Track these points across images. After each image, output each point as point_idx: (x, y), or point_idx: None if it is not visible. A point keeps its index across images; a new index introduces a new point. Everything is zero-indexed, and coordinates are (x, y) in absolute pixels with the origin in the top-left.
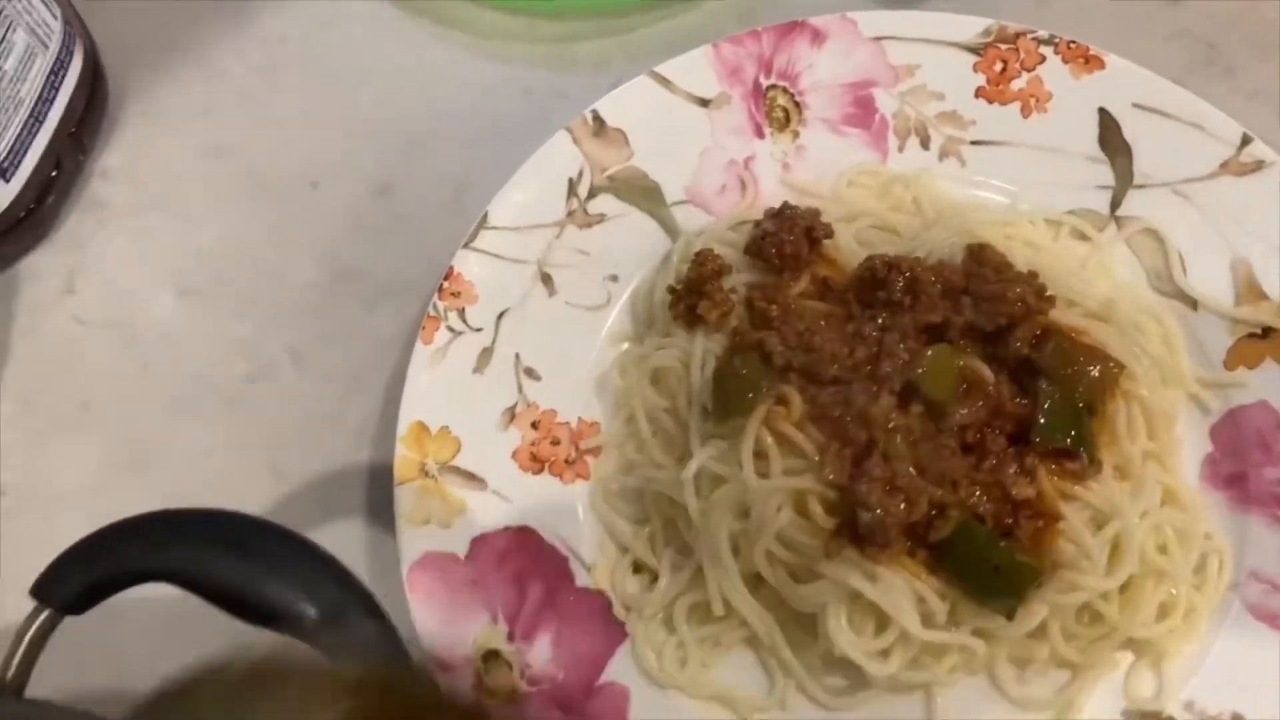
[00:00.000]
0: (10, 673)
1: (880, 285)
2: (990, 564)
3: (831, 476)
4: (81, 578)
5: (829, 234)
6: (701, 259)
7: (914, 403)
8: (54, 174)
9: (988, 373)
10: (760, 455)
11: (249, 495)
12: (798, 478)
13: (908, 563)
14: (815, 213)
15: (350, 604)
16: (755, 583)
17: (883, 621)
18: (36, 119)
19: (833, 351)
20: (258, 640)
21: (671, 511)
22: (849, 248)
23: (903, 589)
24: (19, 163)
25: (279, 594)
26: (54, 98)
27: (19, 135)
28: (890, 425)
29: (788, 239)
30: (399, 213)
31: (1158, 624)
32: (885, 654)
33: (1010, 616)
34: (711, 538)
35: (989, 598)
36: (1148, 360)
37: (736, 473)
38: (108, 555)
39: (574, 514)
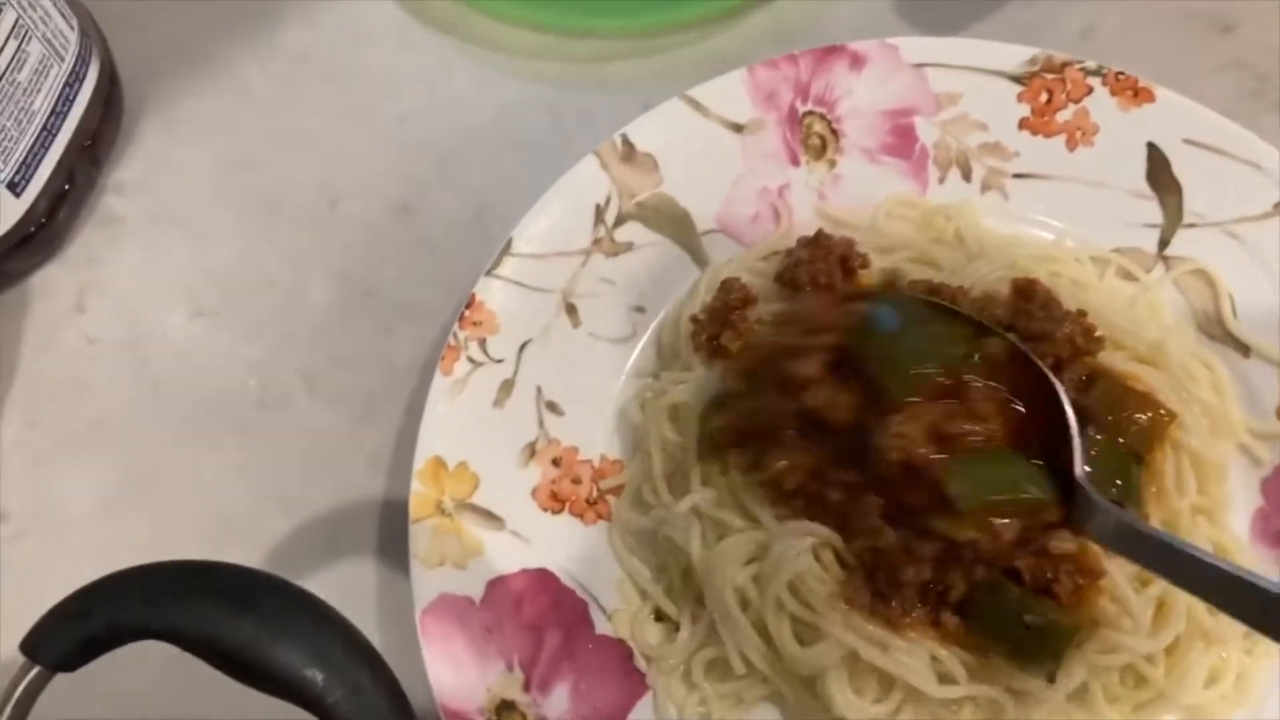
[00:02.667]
0: None
1: None
2: (1021, 624)
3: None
4: (74, 634)
5: (865, 264)
6: (727, 286)
7: None
8: (66, 188)
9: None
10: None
11: (257, 525)
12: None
13: (928, 630)
14: (850, 241)
15: (360, 671)
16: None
17: (889, 681)
18: (50, 132)
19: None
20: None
21: (686, 558)
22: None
23: (916, 653)
24: (30, 177)
25: (285, 658)
26: (68, 110)
27: (31, 149)
28: None
29: (821, 267)
30: (419, 234)
31: (1207, 690)
32: (895, 713)
33: (1051, 679)
34: (716, 591)
35: (1025, 660)
36: (1199, 408)
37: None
38: (102, 611)
39: (594, 557)
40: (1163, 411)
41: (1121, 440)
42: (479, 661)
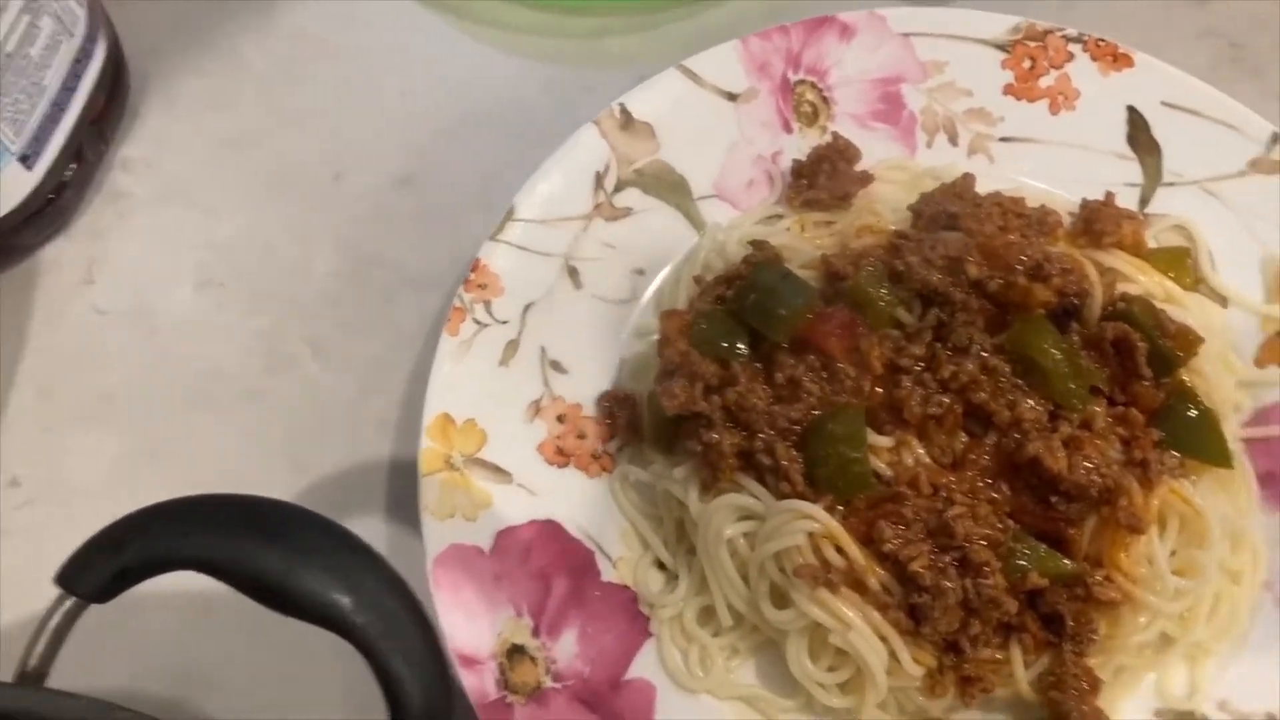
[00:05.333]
0: (32, 661)
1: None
2: None
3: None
4: (108, 565)
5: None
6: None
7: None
8: (75, 163)
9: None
10: None
11: (268, 488)
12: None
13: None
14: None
15: (386, 594)
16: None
17: (845, 655)
18: (59, 107)
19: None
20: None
21: (680, 511)
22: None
23: (873, 642)
24: (41, 150)
25: (313, 584)
26: (76, 86)
27: (41, 123)
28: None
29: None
30: (422, 205)
31: (1207, 624)
32: (845, 684)
33: None
34: (709, 539)
35: None
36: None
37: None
38: (135, 542)
39: (599, 507)
40: (1191, 336)
41: (1162, 342)
42: (489, 608)
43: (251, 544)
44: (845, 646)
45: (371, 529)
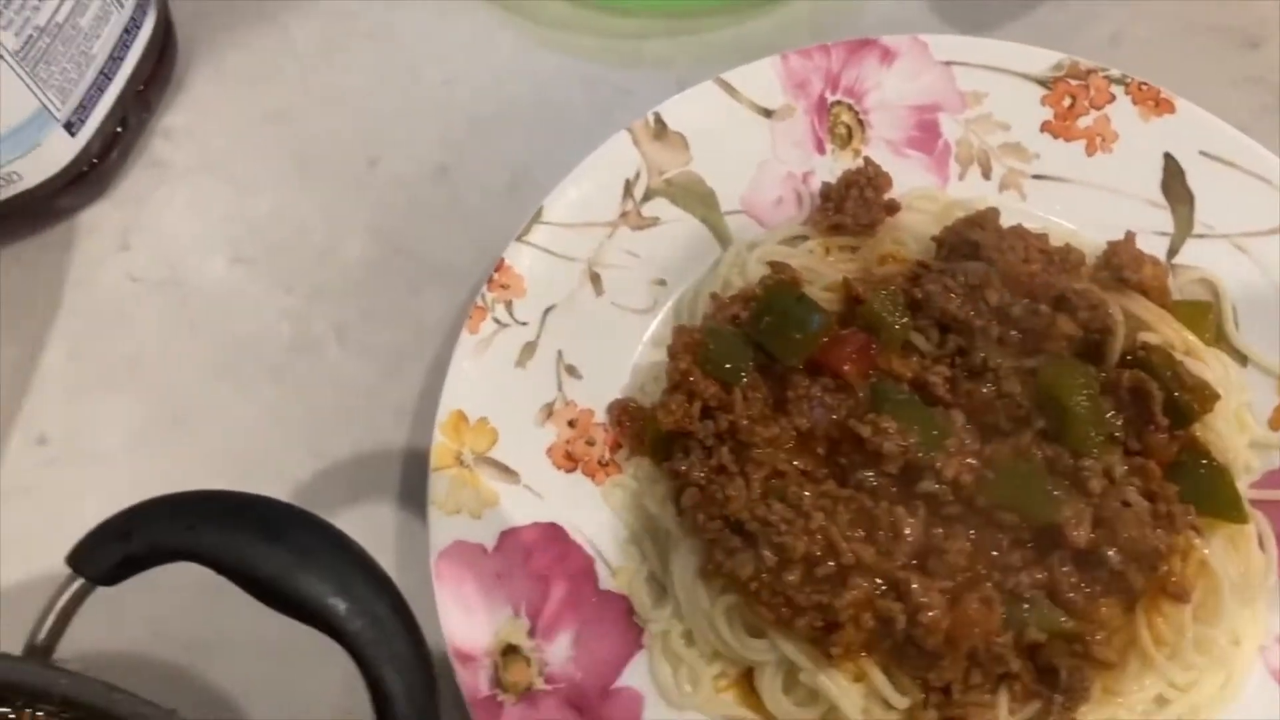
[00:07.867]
0: (41, 637)
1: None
2: None
3: None
4: (116, 551)
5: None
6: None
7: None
8: (118, 130)
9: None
10: None
11: (284, 468)
12: None
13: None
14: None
15: (380, 602)
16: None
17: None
18: (106, 76)
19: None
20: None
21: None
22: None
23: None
24: (85, 118)
25: (309, 586)
26: (124, 55)
27: (88, 91)
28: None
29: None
30: (454, 196)
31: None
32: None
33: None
34: (681, 570)
35: None
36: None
37: None
38: (142, 531)
39: (602, 515)
40: (1209, 390)
41: (1178, 394)
42: (488, 606)
43: (253, 543)
44: (815, 687)
45: (382, 516)
